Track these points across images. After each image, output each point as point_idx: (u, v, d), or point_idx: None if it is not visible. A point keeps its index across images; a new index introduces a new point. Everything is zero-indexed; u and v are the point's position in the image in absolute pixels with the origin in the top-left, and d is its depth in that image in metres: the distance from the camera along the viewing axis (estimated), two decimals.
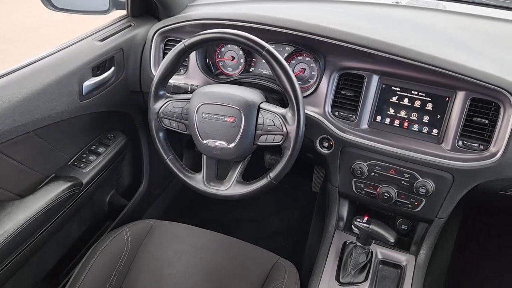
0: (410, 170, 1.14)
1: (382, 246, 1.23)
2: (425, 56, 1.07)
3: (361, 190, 1.22)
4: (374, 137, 1.16)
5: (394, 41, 1.11)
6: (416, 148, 1.13)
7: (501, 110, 1.04)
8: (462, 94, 1.07)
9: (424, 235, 1.23)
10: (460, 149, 1.09)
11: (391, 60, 1.10)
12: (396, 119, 1.16)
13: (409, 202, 1.17)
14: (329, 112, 1.20)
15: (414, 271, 1.18)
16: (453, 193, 1.13)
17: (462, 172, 1.08)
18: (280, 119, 1.04)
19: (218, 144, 1.07)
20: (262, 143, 1.07)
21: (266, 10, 1.30)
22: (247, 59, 1.32)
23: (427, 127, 1.13)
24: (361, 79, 1.16)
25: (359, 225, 1.11)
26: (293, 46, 1.23)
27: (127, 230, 1.22)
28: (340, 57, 1.17)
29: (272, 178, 1.07)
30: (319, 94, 1.20)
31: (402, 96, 1.14)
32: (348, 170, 1.20)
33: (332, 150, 1.20)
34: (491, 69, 1.05)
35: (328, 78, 1.19)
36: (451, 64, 1.06)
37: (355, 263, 1.16)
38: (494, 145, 1.06)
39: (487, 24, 1.30)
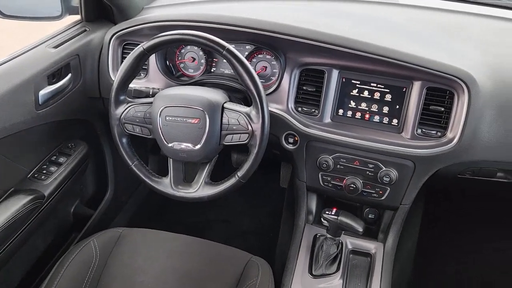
0: (374, 160, 1.17)
1: (352, 236, 1.26)
2: (381, 49, 1.11)
3: (328, 183, 1.24)
4: (338, 130, 1.18)
5: (352, 35, 1.14)
6: (378, 138, 1.16)
7: (455, 97, 1.09)
8: (418, 84, 1.11)
9: (391, 222, 1.26)
10: (420, 137, 1.13)
11: (349, 54, 1.12)
12: (357, 111, 1.19)
13: (374, 192, 1.20)
14: (293, 108, 1.21)
15: (383, 258, 1.21)
16: (415, 180, 1.17)
17: (423, 159, 1.12)
18: (244, 117, 1.04)
19: (184, 147, 1.06)
20: (228, 143, 1.07)
21: (225, 9, 1.30)
22: (208, 60, 1.31)
23: (387, 118, 1.17)
24: (322, 74, 1.18)
25: (328, 217, 1.13)
26: (253, 44, 1.24)
27: (95, 240, 1.19)
28: (300, 53, 1.18)
29: (240, 177, 1.07)
30: (282, 91, 1.21)
31: (362, 89, 1.17)
32: (314, 164, 1.22)
33: (297, 145, 1.22)
34: (444, 59, 1.10)
35: (289, 74, 1.20)
36: (406, 56, 1.10)
37: (326, 255, 1.18)
38: (451, 131, 1.10)
39: (439, 16, 1.35)
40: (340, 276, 1.17)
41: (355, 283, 1.17)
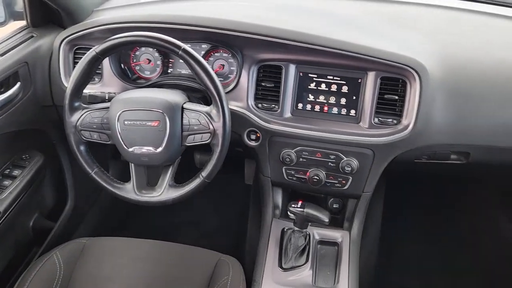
0: (335, 151, 1.19)
1: (318, 227, 1.28)
2: (336, 42, 1.13)
3: (292, 177, 1.26)
4: (298, 124, 1.20)
5: (306, 30, 1.16)
6: (338, 129, 1.18)
7: (407, 85, 1.13)
8: (373, 75, 1.15)
9: (355, 210, 1.30)
10: (377, 126, 1.17)
11: (305, 48, 1.14)
12: (316, 104, 1.21)
13: (337, 182, 1.23)
14: (253, 105, 1.22)
15: (349, 246, 1.25)
16: (375, 168, 1.21)
17: (381, 147, 1.16)
18: (205, 117, 1.03)
19: (145, 150, 1.05)
20: (190, 144, 1.06)
21: (179, 9, 1.28)
22: (164, 61, 1.29)
23: (345, 109, 1.20)
24: (279, 69, 1.19)
25: (294, 210, 1.15)
26: (210, 43, 1.23)
27: (58, 253, 1.15)
28: (256, 50, 1.19)
29: (205, 177, 1.06)
30: (241, 88, 1.22)
31: (319, 82, 1.19)
32: (277, 159, 1.24)
33: (260, 141, 1.23)
34: (396, 49, 1.13)
35: (247, 71, 1.21)
36: (360, 48, 1.13)
37: (295, 248, 1.20)
38: (406, 118, 1.14)
39: (389, 8, 1.39)
40: (310, 267, 1.19)
41: (324, 272, 1.19)
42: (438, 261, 1.76)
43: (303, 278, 1.16)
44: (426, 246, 1.82)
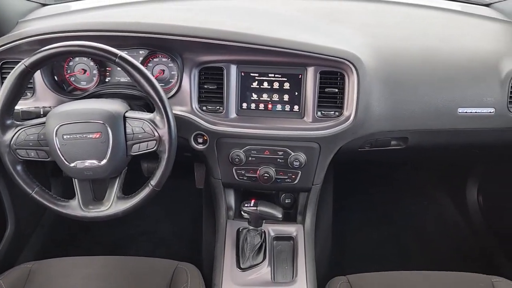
0: (282, 147, 1.21)
1: (273, 223, 1.30)
2: (274, 40, 1.15)
3: (242, 177, 1.26)
4: (244, 124, 1.21)
5: (244, 30, 1.17)
6: (283, 126, 1.20)
7: (346, 78, 1.17)
8: (312, 70, 1.18)
9: (306, 203, 1.33)
10: (320, 119, 1.20)
11: (244, 48, 1.15)
12: (260, 103, 1.22)
13: (287, 177, 1.25)
14: (197, 108, 1.21)
15: (304, 239, 1.27)
16: (322, 160, 1.24)
17: (326, 139, 1.19)
18: (149, 124, 1.01)
19: (88, 164, 1.00)
20: (136, 153, 1.03)
21: (111, 16, 1.24)
22: (101, 70, 1.25)
23: (289, 105, 1.22)
24: (220, 71, 1.19)
25: (247, 209, 1.15)
26: (147, 49, 1.21)
27: (1, 281, 1.08)
28: (195, 53, 1.18)
29: (154, 185, 1.04)
30: (183, 92, 1.20)
31: (261, 81, 1.21)
32: (226, 160, 1.24)
33: (207, 144, 1.22)
34: (332, 44, 1.17)
35: (188, 75, 1.19)
36: (297, 44, 1.15)
37: (251, 246, 1.20)
38: (347, 110, 1.18)
39: (322, 4, 1.44)
40: (268, 264, 1.20)
41: (282, 268, 1.21)
42: (389, 244, 1.84)
43: (262, 276, 1.17)
44: (376, 231, 1.90)
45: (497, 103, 1.23)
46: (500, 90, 1.22)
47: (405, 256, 1.79)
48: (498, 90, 1.22)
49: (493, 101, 1.22)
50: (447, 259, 1.74)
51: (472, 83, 1.23)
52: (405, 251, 1.81)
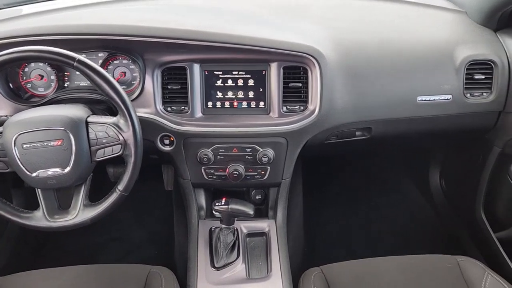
0: (250, 144, 1.21)
1: (245, 220, 1.30)
2: (235, 37, 1.15)
3: (212, 176, 1.26)
4: (211, 123, 1.20)
5: (205, 28, 1.16)
6: (250, 122, 1.21)
7: (308, 72, 1.18)
8: (275, 65, 1.18)
9: (277, 198, 1.34)
10: (286, 114, 1.21)
11: (206, 47, 1.14)
12: (225, 101, 1.22)
13: (257, 173, 1.26)
14: (162, 109, 1.19)
15: (277, 233, 1.28)
16: (290, 154, 1.25)
17: (292, 134, 1.21)
18: (113, 128, 0.99)
19: (51, 173, 0.97)
20: (101, 158, 1.01)
21: (67, 18, 1.21)
22: (59, 75, 1.21)
23: (254, 102, 1.22)
24: (184, 70, 1.18)
25: (219, 208, 1.15)
26: (106, 51, 1.18)
27: None
28: (157, 53, 1.16)
29: (122, 190, 1.02)
30: (147, 94, 1.18)
31: (225, 79, 1.20)
32: (195, 160, 1.23)
33: (174, 145, 1.21)
34: (293, 39, 1.18)
35: (151, 76, 1.17)
36: (259, 40, 1.15)
37: (224, 245, 1.20)
38: (311, 104, 1.20)
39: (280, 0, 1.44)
40: (242, 261, 1.20)
41: (257, 264, 1.21)
42: (359, 233, 1.89)
43: (237, 274, 1.18)
44: (346, 220, 1.94)
45: (454, 90, 1.28)
46: (455, 77, 1.27)
47: (375, 243, 1.83)
48: (454, 77, 1.27)
49: (449, 88, 1.27)
50: (415, 243, 1.80)
51: (430, 72, 1.27)
52: (374, 238, 1.86)
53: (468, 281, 1.12)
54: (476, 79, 1.28)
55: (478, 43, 1.31)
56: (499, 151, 1.42)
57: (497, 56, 1.28)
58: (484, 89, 1.30)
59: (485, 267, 1.14)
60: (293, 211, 1.65)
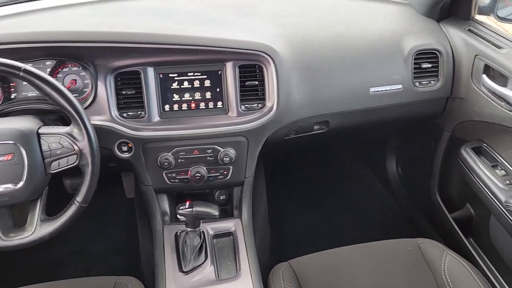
0: (211, 145, 1.21)
1: (210, 222, 1.29)
2: (189, 39, 1.14)
3: (174, 180, 1.24)
4: (169, 126, 1.18)
5: (156, 30, 1.14)
6: (209, 123, 1.20)
7: (264, 70, 1.19)
8: (230, 65, 1.18)
9: (241, 197, 1.34)
10: (245, 113, 1.21)
11: (158, 49, 1.12)
12: (183, 103, 1.21)
13: (219, 174, 1.25)
14: (117, 115, 1.16)
15: (243, 232, 1.29)
16: (252, 152, 1.26)
17: (252, 132, 1.21)
18: (67, 138, 0.96)
19: (3, 189, 0.93)
20: (56, 170, 0.97)
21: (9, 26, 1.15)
22: (4, 86, 1.15)
23: (212, 102, 1.22)
24: (137, 75, 1.16)
25: (183, 212, 1.14)
26: (54, 59, 1.13)
27: None
28: (108, 58, 1.13)
29: (81, 201, 0.99)
30: (100, 100, 1.15)
31: (181, 81, 1.19)
32: (155, 165, 1.21)
33: (133, 152, 1.18)
34: (247, 37, 1.19)
35: (103, 82, 1.14)
36: (213, 40, 1.15)
37: (191, 248, 1.19)
38: (269, 101, 1.21)
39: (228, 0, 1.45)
40: (211, 263, 1.19)
41: (225, 264, 1.21)
42: (323, 224, 1.93)
43: (206, 276, 1.17)
44: (310, 213, 1.98)
45: (404, 80, 1.33)
46: (405, 67, 1.33)
47: (339, 232, 1.88)
48: (403, 67, 1.32)
49: (400, 78, 1.32)
50: (377, 230, 1.85)
51: (380, 63, 1.32)
52: (338, 228, 1.90)
53: (428, 262, 1.17)
54: (423, 68, 1.34)
55: (423, 33, 1.37)
56: (449, 135, 1.49)
57: (441, 45, 1.35)
58: (431, 77, 1.37)
59: (444, 247, 1.19)
60: (258, 209, 1.66)
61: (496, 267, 1.36)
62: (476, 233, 1.46)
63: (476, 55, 1.28)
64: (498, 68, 1.21)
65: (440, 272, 1.13)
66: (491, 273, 1.35)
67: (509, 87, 1.19)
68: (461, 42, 1.34)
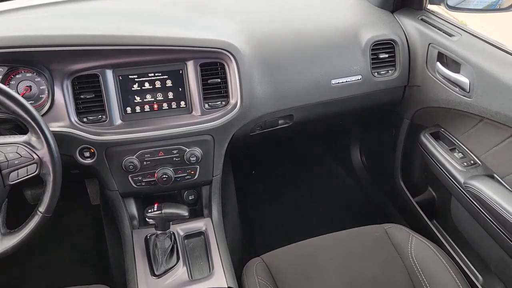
0: (176, 145, 1.19)
1: (180, 223, 1.28)
2: (146, 39, 1.12)
3: (140, 183, 1.22)
4: (132, 129, 1.16)
5: (112, 31, 1.11)
6: (173, 124, 1.19)
7: (226, 67, 1.19)
8: (191, 63, 1.17)
9: (210, 196, 1.33)
10: (209, 111, 1.21)
11: (116, 51, 1.10)
12: (145, 104, 1.18)
13: (186, 174, 1.24)
14: (77, 121, 1.13)
15: (214, 231, 1.28)
16: (218, 150, 1.25)
17: (218, 130, 1.21)
18: (25, 147, 0.92)
19: None
20: (15, 181, 0.93)
21: None
22: None
23: (175, 102, 1.20)
24: (96, 78, 1.12)
25: (152, 215, 1.12)
26: (6, 65, 1.08)
27: None
28: (64, 62, 1.09)
29: (44, 211, 0.95)
30: (58, 106, 1.11)
31: (141, 82, 1.17)
32: (120, 169, 1.18)
33: (96, 157, 1.15)
34: (206, 35, 1.18)
35: (60, 87, 1.10)
36: (172, 40, 1.14)
37: (163, 251, 1.17)
38: (233, 98, 1.21)
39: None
40: (183, 264, 1.18)
41: (198, 264, 1.20)
42: (293, 217, 1.95)
43: (179, 277, 1.16)
44: (279, 207, 1.99)
45: (363, 70, 1.36)
46: (363, 58, 1.36)
47: (310, 223, 1.91)
48: (361, 58, 1.36)
49: (359, 69, 1.35)
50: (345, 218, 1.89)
51: (339, 55, 1.34)
52: (308, 219, 1.93)
53: (396, 245, 1.21)
54: (381, 58, 1.38)
55: (378, 24, 1.41)
56: (408, 122, 1.54)
57: (396, 35, 1.39)
58: (389, 67, 1.40)
59: (410, 231, 1.24)
60: (227, 206, 1.65)
61: (459, 246, 1.42)
62: (439, 215, 1.52)
63: (430, 44, 1.33)
64: (451, 55, 1.26)
65: (407, 254, 1.17)
66: (454, 252, 1.41)
67: (462, 73, 1.24)
68: (415, 31, 1.38)
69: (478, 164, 1.25)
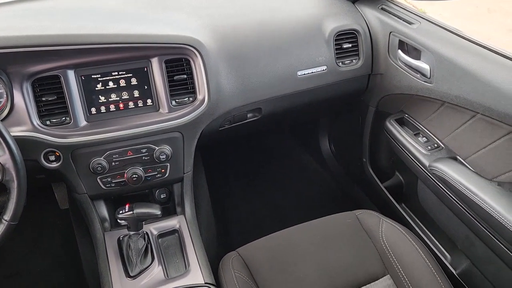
0: (145, 144, 1.18)
1: (153, 222, 1.27)
2: (107, 37, 1.09)
3: (110, 184, 1.20)
4: (98, 130, 1.14)
5: (72, 31, 1.08)
6: (140, 122, 1.17)
7: (191, 63, 1.18)
8: (156, 60, 1.16)
9: (182, 193, 1.33)
10: (176, 108, 1.19)
11: (76, 50, 1.07)
12: (110, 104, 1.16)
13: (157, 173, 1.23)
14: (39, 124, 1.09)
15: (188, 228, 1.28)
16: (188, 147, 1.24)
17: (186, 126, 1.20)
18: None
19: None
20: None
21: None
22: None
23: (141, 100, 1.18)
24: (57, 79, 1.09)
25: (123, 216, 1.11)
26: None
27: None
28: (22, 64, 1.05)
29: (9, 219, 0.92)
30: (19, 110, 1.07)
31: (105, 81, 1.14)
32: (88, 171, 1.16)
33: (62, 160, 1.12)
34: (169, 31, 1.17)
35: (20, 90, 1.06)
36: (134, 37, 1.11)
37: (136, 252, 1.16)
38: (200, 94, 1.20)
39: None
40: (158, 263, 1.18)
41: (173, 262, 1.20)
42: (267, 209, 1.96)
43: (155, 277, 1.15)
44: (253, 200, 2.00)
45: (327, 61, 1.38)
46: (327, 49, 1.37)
47: (283, 215, 1.93)
48: (326, 49, 1.37)
49: (324, 59, 1.37)
50: (318, 207, 1.93)
51: (304, 47, 1.35)
52: (282, 211, 1.95)
53: (367, 230, 1.24)
54: (344, 48, 1.40)
55: (340, 15, 1.43)
56: (374, 110, 1.58)
57: (358, 25, 1.41)
58: (352, 56, 1.43)
59: (380, 215, 1.27)
60: (200, 202, 1.65)
61: (427, 227, 1.47)
62: (407, 198, 1.57)
63: (391, 32, 1.36)
64: (411, 42, 1.29)
65: (379, 238, 1.21)
66: (423, 233, 1.46)
67: (422, 59, 1.28)
68: (376, 20, 1.41)
69: (441, 147, 1.30)
